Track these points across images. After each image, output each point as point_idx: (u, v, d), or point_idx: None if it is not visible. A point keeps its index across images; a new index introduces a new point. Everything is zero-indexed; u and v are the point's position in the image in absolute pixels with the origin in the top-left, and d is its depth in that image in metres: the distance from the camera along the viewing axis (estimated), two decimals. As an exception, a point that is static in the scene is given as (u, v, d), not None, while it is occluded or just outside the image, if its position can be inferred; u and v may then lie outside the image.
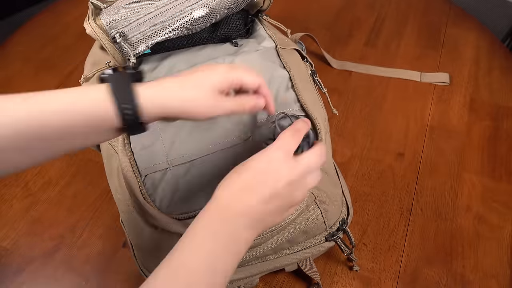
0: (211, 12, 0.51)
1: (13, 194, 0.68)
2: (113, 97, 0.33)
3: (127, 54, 0.50)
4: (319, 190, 0.49)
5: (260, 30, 0.59)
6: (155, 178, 0.45)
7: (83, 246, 0.62)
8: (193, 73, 0.38)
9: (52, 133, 0.33)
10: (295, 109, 0.50)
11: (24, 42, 0.94)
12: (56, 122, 0.33)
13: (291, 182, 0.37)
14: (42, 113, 0.32)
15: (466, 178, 0.70)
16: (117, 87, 0.34)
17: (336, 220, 0.54)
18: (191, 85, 0.37)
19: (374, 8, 1.03)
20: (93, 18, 0.48)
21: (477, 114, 0.80)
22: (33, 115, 0.32)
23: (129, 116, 0.34)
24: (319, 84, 0.58)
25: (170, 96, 0.36)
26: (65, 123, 0.33)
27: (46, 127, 0.32)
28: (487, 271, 0.60)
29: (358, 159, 0.73)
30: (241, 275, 0.51)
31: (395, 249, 0.62)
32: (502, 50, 0.92)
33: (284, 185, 0.36)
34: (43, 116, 0.32)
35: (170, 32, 0.50)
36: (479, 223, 0.64)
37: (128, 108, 0.34)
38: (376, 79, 0.86)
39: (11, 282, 0.59)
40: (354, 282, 0.59)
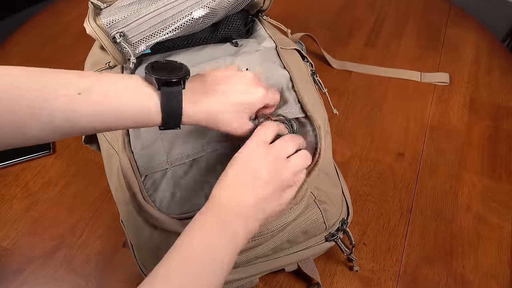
0: (211, 12, 0.51)
1: (13, 194, 0.68)
2: (163, 113, 0.37)
3: (127, 54, 0.50)
4: (319, 190, 0.49)
5: (260, 30, 0.59)
6: (155, 178, 0.45)
7: (83, 246, 0.62)
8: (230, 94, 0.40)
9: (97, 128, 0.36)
10: (296, 109, 0.50)
11: (24, 42, 0.94)
12: (106, 122, 0.36)
13: (270, 164, 0.39)
14: (95, 114, 0.35)
15: (466, 178, 0.70)
16: (169, 104, 0.37)
17: (336, 220, 0.54)
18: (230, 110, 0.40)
19: (374, 8, 1.03)
20: (93, 18, 0.48)
21: (477, 114, 0.80)
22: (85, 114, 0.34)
23: (171, 126, 0.38)
24: (319, 84, 0.58)
25: (209, 118, 0.40)
26: (113, 123, 0.36)
27: (95, 123, 0.35)
28: (487, 271, 0.60)
29: (358, 159, 0.73)
30: (241, 275, 0.51)
31: (395, 249, 0.62)
32: (502, 50, 0.92)
33: (267, 171, 0.39)
34: (95, 117, 0.35)
35: (170, 32, 0.50)
36: (479, 223, 0.64)
37: (173, 122, 0.38)
38: (376, 79, 0.86)
39: (11, 282, 0.59)
40: (354, 282, 0.59)
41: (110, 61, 0.54)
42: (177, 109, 0.37)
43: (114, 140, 0.50)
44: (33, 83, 0.33)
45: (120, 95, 0.36)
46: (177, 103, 0.37)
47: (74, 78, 0.35)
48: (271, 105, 0.44)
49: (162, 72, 0.37)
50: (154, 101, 0.37)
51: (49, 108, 0.33)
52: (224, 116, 0.40)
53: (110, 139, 0.51)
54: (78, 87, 0.34)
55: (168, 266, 0.33)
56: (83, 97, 0.34)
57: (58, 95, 0.33)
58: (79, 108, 0.34)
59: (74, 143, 0.75)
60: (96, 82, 0.35)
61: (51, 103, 0.33)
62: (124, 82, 0.37)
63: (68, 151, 0.74)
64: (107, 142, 0.51)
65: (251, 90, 0.41)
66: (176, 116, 0.38)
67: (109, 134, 0.51)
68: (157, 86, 0.36)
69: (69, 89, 0.34)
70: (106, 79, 0.36)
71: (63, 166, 0.72)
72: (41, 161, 0.73)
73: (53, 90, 0.33)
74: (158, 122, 0.38)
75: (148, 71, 0.37)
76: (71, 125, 0.34)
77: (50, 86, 0.33)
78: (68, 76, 0.35)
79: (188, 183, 0.45)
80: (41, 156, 0.73)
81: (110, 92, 0.36)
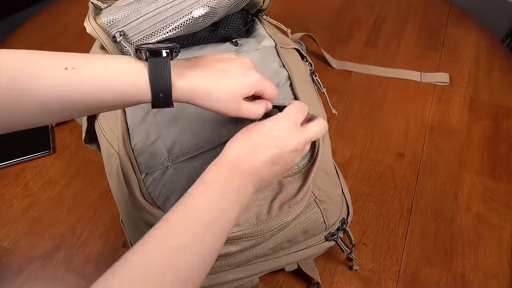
0: (211, 11, 0.51)
1: (13, 194, 0.68)
2: (152, 86, 0.37)
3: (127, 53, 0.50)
4: (319, 190, 0.49)
5: (260, 30, 0.59)
6: (156, 176, 0.45)
7: (83, 246, 0.62)
8: (227, 72, 0.40)
9: (87, 105, 0.36)
10: None
11: (24, 42, 0.94)
12: (94, 98, 0.36)
13: (296, 149, 0.41)
14: (84, 90, 0.35)
15: (466, 178, 0.70)
16: (156, 75, 0.36)
17: (336, 219, 0.54)
18: (223, 90, 0.39)
19: (374, 8, 1.03)
20: (93, 17, 0.48)
21: (477, 114, 0.80)
22: (74, 92, 0.35)
23: (162, 102, 0.38)
24: (318, 84, 0.58)
25: (202, 96, 0.39)
26: (102, 98, 0.36)
27: (84, 100, 0.35)
28: (487, 271, 0.60)
29: (358, 159, 0.73)
30: (241, 275, 0.51)
31: (395, 249, 0.62)
32: (502, 50, 0.92)
33: (290, 151, 0.40)
34: (83, 95, 0.35)
35: (170, 31, 0.50)
36: (479, 223, 0.64)
37: (163, 96, 0.37)
38: (376, 79, 0.86)
39: (11, 282, 0.59)
40: (354, 282, 0.59)
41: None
42: (165, 82, 0.37)
43: (114, 139, 0.50)
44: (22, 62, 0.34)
45: (108, 70, 0.36)
46: (166, 73, 0.37)
47: (60, 57, 0.35)
48: (268, 92, 0.43)
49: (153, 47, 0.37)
50: (143, 74, 0.37)
51: (39, 86, 0.33)
52: (216, 92, 0.39)
53: (110, 139, 0.51)
54: (67, 64, 0.35)
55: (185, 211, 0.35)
56: (72, 74, 0.34)
57: (46, 73, 0.34)
58: (68, 85, 0.34)
59: (74, 143, 0.75)
60: (84, 59, 0.36)
61: (42, 81, 0.33)
62: (113, 59, 0.37)
63: (68, 151, 0.74)
64: (107, 141, 0.51)
65: (248, 73, 0.41)
66: (165, 89, 0.37)
67: (109, 134, 0.51)
68: (145, 57, 0.37)
69: (58, 66, 0.34)
70: (95, 56, 0.37)
71: (63, 166, 0.72)
72: (41, 161, 0.73)
73: (43, 69, 0.34)
74: (148, 98, 0.37)
75: (137, 46, 0.38)
76: (62, 104, 0.35)
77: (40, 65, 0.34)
78: (56, 56, 0.35)
79: (189, 180, 0.45)
80: (41, 156, 0.73)
81: (99, 68, 0.36)
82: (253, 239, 0.45)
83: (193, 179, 0.45)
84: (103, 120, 0.52)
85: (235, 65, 0.41)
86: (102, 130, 0.52)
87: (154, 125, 0.48)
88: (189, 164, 0.46)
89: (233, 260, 0.47)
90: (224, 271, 0.49)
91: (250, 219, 0.44)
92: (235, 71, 0.40)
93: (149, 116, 0.48)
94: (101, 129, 0.52)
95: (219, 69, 0.40)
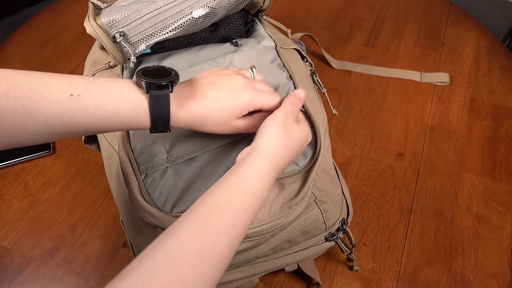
0: (211, 11, 0.51)
1: (13, 194, 0.68)
2: (152, 116, 0.38)
3: (127, 53, 0.50)
4: (319, 190, 0.49)
5: (260, 30, 0.59)
6: (155, 177, 0.45)
7: (83, 246, 0.62)
8: (218, 99, 0.42)
9: (88, 128, 0.37)
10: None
11: (24, 42, 0.94)
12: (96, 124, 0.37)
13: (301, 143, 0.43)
14: (86, 116, 0.36)
15: (466, 178, 0.70)
16: (156, 108, 0.38)
17: (336, 220, 0.54)
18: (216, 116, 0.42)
19: (374, 8, 1.03)
20: (93, 17, 0.48)
21: (477, 114, 0.80)
22: (77, 117, 0.36)
23: (160, 128, 0.40)
24: (318, 84, 0.58)
25: (197, 123, 0.41)
26: (103, 124, 0.38)
27: (86, 124, 0.37)
28: (487, 271, 0.60)
29: (358, 159, 0.73)
30: (241, 275, 0.51)
31: (395, 249, 0.62)
32: (502, 50, 0.92)
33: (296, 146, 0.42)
34: (85, 120, 0.36)
35: (170, 31, 0.50)
36: (479, 223, 0.64)
37: (161, 125, 0.39)
38: (376, 79, 0.86)
39: (11, 282, 0.59)
40: (354, 282, 0.59)
41: (110, 60, 0.54)
42: (164, 112, 0.39)
43: (114, 140, 0.50)
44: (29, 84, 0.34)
45: (111, 99, 0.37)
46: (165, 106, 0.38)
47: (65, 82, 0.36)
48: (267, 106, 0.44)
49: (152, 77, 0.38)
50: (143, 105, 0.38)
51: (45, 110, 0.34)
52: (210, 119, 0.41)
53: (110, 139, 0.51)
54: (72, 91, 0.35)
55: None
56: (76, 100, 0.35)
57: (51, 98, 0.35)
58: (70, 111, 0.35)
59: (74, 143, 0.75)
60: (87, 86, 0.37)
61: (45, 105, 0.34)
62: (115, 86, 0.38)
63: (68, 151, 0.74)
64: (107, 142, 0.51)
65: (239, 95, 0.42)
66: (164, 119, 0.39)
67: (109, 134, 0.51)
68: (146, 90, 0.38)
69: (63, 92, 0.35)
70: (97, 83, 0.37)
71: (63, 166, 0.72)
72: (41, 161, 0.73)
73: (49, 94, 0.35)
74: (147, 125, 0.39)
75: (138, 75, 0.38)
76: (65, 128, 0.36)
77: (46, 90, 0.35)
78: (60, 80, 0.36)
79: (188, 181, 0.45)
80: (41, 156, 0.73)
81: (101, 96, 0.37)
82: (254, 240, 0.45)
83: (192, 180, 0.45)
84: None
85: (225, 89, 0.42)
86: (102, 130, 0.52)
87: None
88: (188, 166, 0.46)
89: (233, 261, 0.47)
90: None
91: None
92: (225, 96, 0.42)
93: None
94: (101, 129, 0.52)
95: (211, 97, 0.41)
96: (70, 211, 0.66)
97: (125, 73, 0.54)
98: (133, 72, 0.54)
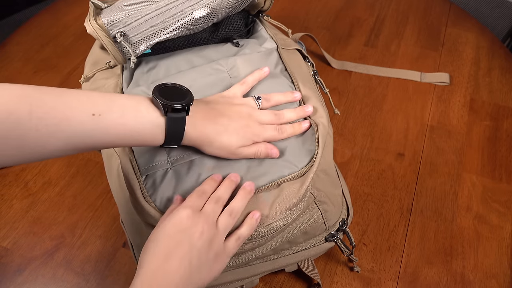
0: (212, 12, 0.51)
1: (13, 194, 0.68)
2: (166, 137, 0.41)
3: (128, 53, 0.50)
4: (318, 191, 0.49)
5: (261, 31, 0.59)
6: (156, 178, 0.45)
7: (83, 246, 0.62)
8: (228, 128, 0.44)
9: (106, 144, 0.39)
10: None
11: (23, 42, 0.94)
12: (113, 142, 0.39)
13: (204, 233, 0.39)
14: (106, 135, 0.38)
15: (466, 178, 0.70)
16: (172, 130, 0.40)
17: (336, 220, 0.54)
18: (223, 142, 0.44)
19: (374, 8, 1.03)
20: (93, 17, 0.48)
21: (477, 114, 0.80)
22: (97, 136, 0.37)
23: (172, 145, 0.43)
24: (321, 84, 0.58)
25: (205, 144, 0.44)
26: (121, 142, 0.39)
27: (105, 142, 0.39)
28: (487, 271, 0.60)
29: (358, 159, 0.73)
30: (241, 276, 0.51)
31: (395, 249, 0.62)
32: (502, 50, 0.93)
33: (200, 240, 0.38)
34: (105, 138, 0.38)
35: (171, 32, 0.50)
36: (479, 223, 0.65)
37: (173, 143, 0.42)
38: (376, 79, 0.86)
39: (11, 282, 0.59)
40: (354, 282, 0.59)
41: (110, 60, 0.54)
42: (179, 133, 0.41)
43: (114, 140, 0.50)
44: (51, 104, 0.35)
45: (130, 119, 0.39)
46: (181, 127, 0.41)
47: (85, 100, 0.37)
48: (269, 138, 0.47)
49: (169, 97, 0.39)
50: (161, 125, 0.40)
51: (67, 129, 0.36)
52: (217, 143, 0.44)
53: (110, 139, 0.51)
54: (93, 110, 0.37)
55: None
56: (98, 120, 0.37)
57: (74, 118, 0.36)
58: (92, 131, 0.37)
59: (74, 143, 0.75)
60: (108, 105, 0.38)
61: (67, 124, 0.35)
62: (133, 106, 0.39)
63: (68, 151, 0.74)
64: (107, 142, 0.51)
65: (245, 129, 0.45)
66: (178, 137, 0.41)
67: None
68: (164, 112, 0.39)
69: (86, 112, 0.37)
70: (116, 102, 0.39)
71: (63, 166, 0.72)
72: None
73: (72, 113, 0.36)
74: (161, 143, 0.41)
75: (155, 95, 0.39)
76: (83, 145, 0.38)
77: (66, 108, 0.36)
78: (80, 97, 0.37)
79: (189, 182, 0.45)
80: (41, 156, 0.73)
81: (121, 116, 0.38)
82: (254, 241, 0.45)
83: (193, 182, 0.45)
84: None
85: (235, 120, 0.45)
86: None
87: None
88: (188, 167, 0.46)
89: (233, 262, 0.47)
90: (224, 271, 0.49)
91: None
92: (234, 126, 0.44)
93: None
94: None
95: (222, 124, 0.44)
96: (70, 211, 0.66)
97: (125, 73, 0.54)
98: (133, 72, 0.54)
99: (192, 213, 0.39)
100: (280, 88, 0.51)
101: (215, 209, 0.41)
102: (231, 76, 0.51)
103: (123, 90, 0.52)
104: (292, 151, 0.47)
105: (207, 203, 0.42)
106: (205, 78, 0.51)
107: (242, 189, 0.44)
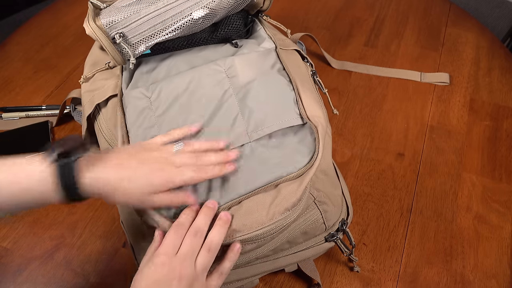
0: (211, 12, 0.51)
1: (13, 194, 0.68)
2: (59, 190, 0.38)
3: (127, 54, 0.50)
4: (318, 191, 0.49)
5: (260, 31, 0.59)
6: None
7: (83, 246, 0.62)
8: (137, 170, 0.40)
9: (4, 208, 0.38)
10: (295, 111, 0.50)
11: (23, 42, 0.94)
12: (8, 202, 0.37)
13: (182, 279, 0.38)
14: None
15: (466, 178, 0.70)
16: (63, 179, 0.38)
17: (336, 220, 0.54)
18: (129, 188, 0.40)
19: (374, 8, 1.03)
20: (92, 18, 0.48)
21: (477, 114, 0.80)
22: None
23: (71, 198, 0.39)
24: (319, 85, 0.58)
25: (108, 195, 0.40)
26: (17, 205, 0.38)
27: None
28: (487, 271, 0.60)
29: (358, 159, 0.73)
30: (241, 276, 0.51)
31: (395, 249, 0.62)
32: (502, 50, 0.92)
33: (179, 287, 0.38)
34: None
35: (170, 32, 0.50)
36: (479, 223, 0.64)
37: (70, 194, 0.38)
38: (376, 79, 0.86)
39: (11, 282, 0.59)
40: (354, 282, 0.59)
41: (109, 61, 0.54)
42: (71, 179, 0.38)
43: (113, 140, 0.50)
44: None
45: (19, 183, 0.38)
46: (70, 172, 0.38)
47: None
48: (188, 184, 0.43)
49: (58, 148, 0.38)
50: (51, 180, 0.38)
51: None
52: (121, 189, 0.40)
53: (109, 139, 0.51)
54: None
55: None
56: None
57: None
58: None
59: (74, 143, 0.75)
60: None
61: None
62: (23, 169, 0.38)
63: (68, 151, 0.74)
64: (107, 142, 0.51)
65: (158, 174, 0.41)
66: (71, 185, 0.38)
67: (108, 135, 0.51)
68: (49, 162, 0.38)
69: None
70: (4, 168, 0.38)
71: (63, 166, 0.72)
72: (41, 161, 0.72)
73: None
74: (58, 199, 0.38)
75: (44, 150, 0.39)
76: None
77: None
78: None
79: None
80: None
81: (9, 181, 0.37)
82: (254, 243, 0.45)
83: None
84: (103, 122, 0.52)
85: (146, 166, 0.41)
86: (102, 131, 0.52)
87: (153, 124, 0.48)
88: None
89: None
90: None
91: (250, 224, 0.44)
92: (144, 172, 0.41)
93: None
94: (101, 130, 0.52)
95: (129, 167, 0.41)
96: (70, 211, 0.66)
97: (125, 74, 0.53)
98: (132, 72, 0.54)
99: (168, 259, 0.38)
100: (277, 87, 0.51)
101: (194, 246, 0.40)
102: (229, 76, 0.51)
103: (122, 90, 0.51)
104: (290, 152, 0.47)
105: (186, 237, 0.40)
106: (203, 79, 0.51)
107: (219, 219, 0.42)
